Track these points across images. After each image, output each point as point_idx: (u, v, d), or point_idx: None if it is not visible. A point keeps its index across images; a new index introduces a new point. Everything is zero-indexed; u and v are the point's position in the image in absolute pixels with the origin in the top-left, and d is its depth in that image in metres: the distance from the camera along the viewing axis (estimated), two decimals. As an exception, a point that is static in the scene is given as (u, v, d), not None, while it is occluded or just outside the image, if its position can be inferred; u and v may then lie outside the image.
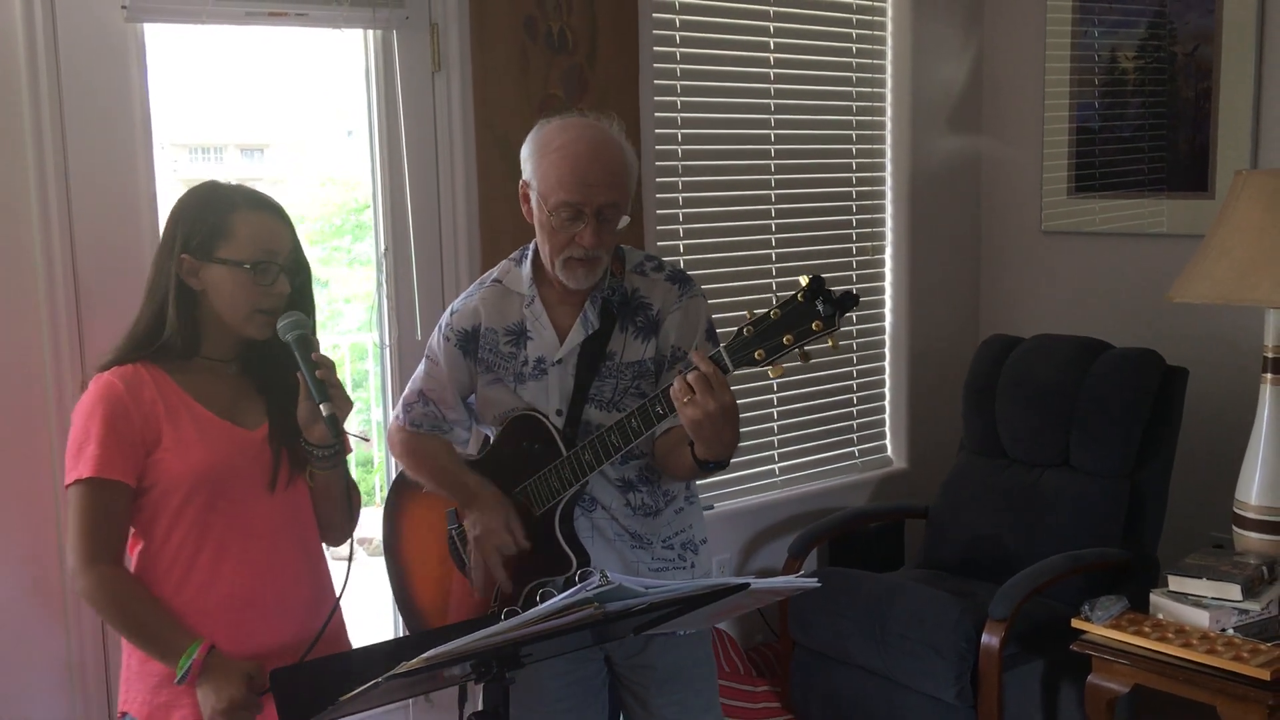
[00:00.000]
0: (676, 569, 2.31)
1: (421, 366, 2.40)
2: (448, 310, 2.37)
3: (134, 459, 1.92)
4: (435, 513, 2.38)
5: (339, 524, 2.10)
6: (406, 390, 2.42)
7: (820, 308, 1.87)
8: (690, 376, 1.93)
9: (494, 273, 2.35)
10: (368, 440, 2.13)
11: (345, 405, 1.96)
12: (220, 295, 1.95)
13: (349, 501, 2.12)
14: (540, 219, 2.16)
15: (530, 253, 2.29)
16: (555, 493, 2.19)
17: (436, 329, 2.37)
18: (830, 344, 1.91)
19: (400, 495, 2.48)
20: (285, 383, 2.00)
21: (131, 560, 1.99)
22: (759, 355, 1.92)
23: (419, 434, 2.38)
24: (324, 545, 2.15)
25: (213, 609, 1.96)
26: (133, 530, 1.98)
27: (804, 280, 1.89)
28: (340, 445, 2.00)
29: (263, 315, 1.96)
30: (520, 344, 2.25)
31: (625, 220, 2.16)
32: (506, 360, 2.26)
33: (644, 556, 2.27)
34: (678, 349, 2.22)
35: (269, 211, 1.99)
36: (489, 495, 2.24)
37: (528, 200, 2.20)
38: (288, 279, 1.98)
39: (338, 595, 2.01)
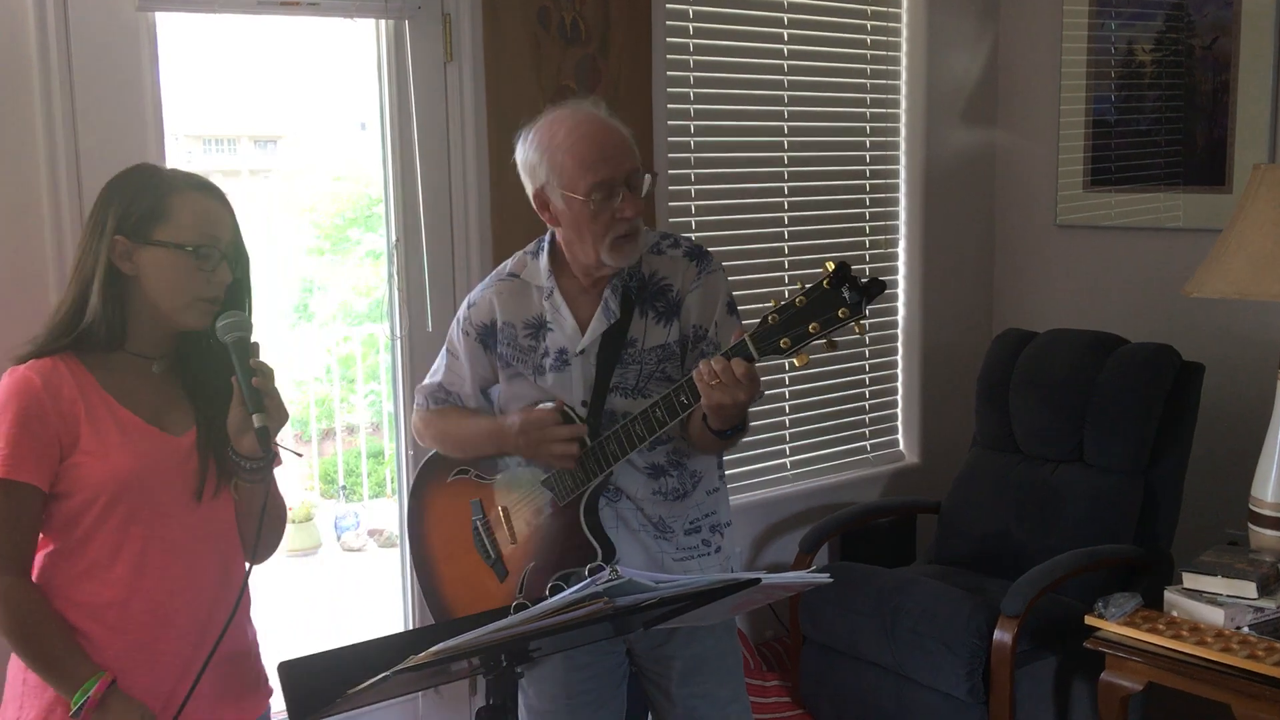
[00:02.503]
0: (701, 556, 2.29)
1: (441, 360, 2.39)
2: (464, 303, 2.35)
3: (47, 461, 1.79)
4: (460, 503, 2.37)
5: (263, 540, 1.91)
6: (426, 381, 2.42)
7: (846, 295, 1.85)
8: (719, 369, 1.93)
9: (508, 265, 2.32)
10: (300, 455, 2.03)
11: (280, 417, 1.84)
12: (158, 281, 1.82)
13: (276, 516, 1.98)
14: (574, 213, 2.12)
15: (547, 245, 2.27)
16: (580, 483, 2.18)
17: (454, 323, 2.36)
18: (857, 331, 1.90)
19: (425, 487, 2.47)
20: (215, 386, 1.88)
21: (36, 563, 1.85)
22: (784, 344, 1.90)
23: (438, 409, 2.38)
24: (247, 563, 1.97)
25: (126, 625, 1.84)
26: (41, 535, 1.85)
27: (829, 266, 1.87)
28: (269, 458, 1.86)
29: (203, 303, 1.84)
30: (540, 336, 2.24)
31: (649, 180, 2.16)
32: (526, 354, 2.25)
33: (668, 548, 2.26)
34: (699, 327, 2.20)
35: (211, 194, 1.87)
36: (512, 420, 2.21)
37: (547, 207, 2.17)
38: (229, 266, 1.86)
39: (230, 611, 1.87)
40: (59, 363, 1.83)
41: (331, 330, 5.83)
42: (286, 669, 1.77)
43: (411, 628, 3.19)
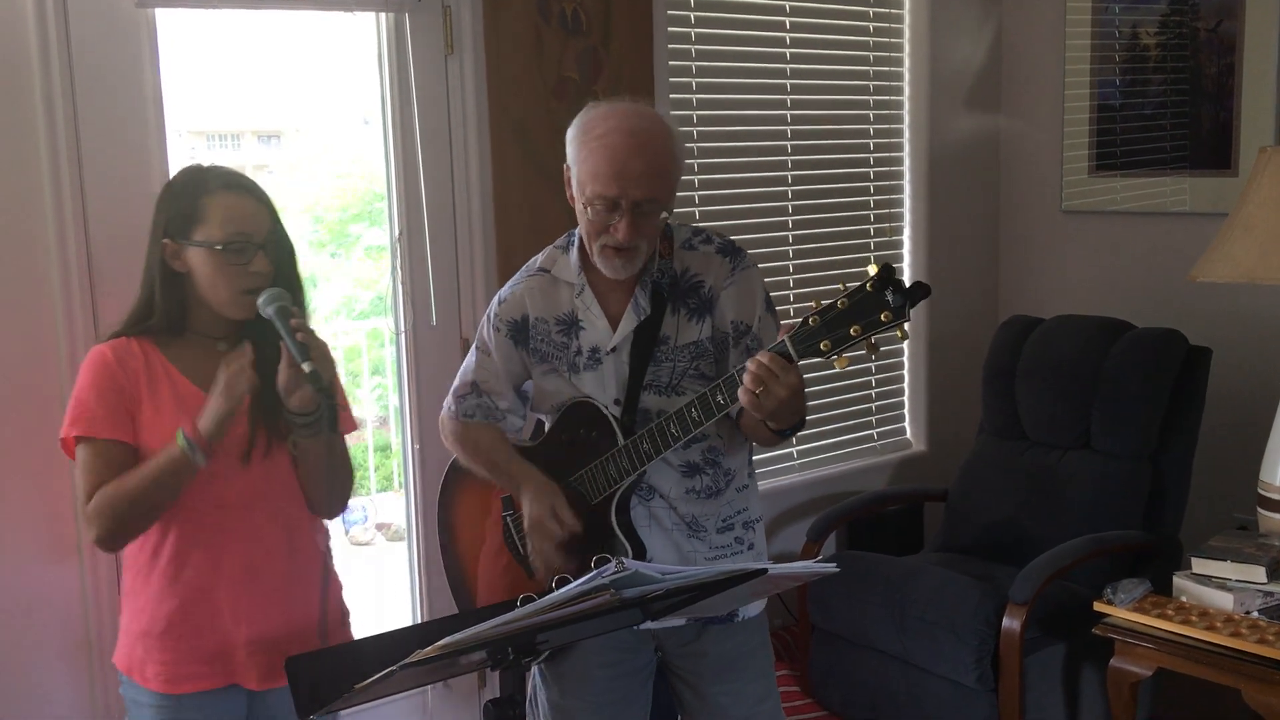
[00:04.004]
0: (734, 554, 2.27)
1: (472, 357, 2.35)
2: (495, 299, 2.32)
3: (123, 418, 2.00)
4: (491, 500, 2.35)
5: (325, 494, 2.13)
6: (457, 381, 2.37)
7: (889, 298, 1.83)
8: (759, 372, 1.90)
9: (539, 260, 2.30)
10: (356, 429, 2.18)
11: (328, 364, 1.97)
12: (201, 277, 2.00)
13: (337, 471, 2.12)
14: (579, 206, 2.13)
15: (576, 239, 2.24)
16: (612, 482, 2.16)
17: (485, 319, 2.33)
18: (899, 335, 1.88)
19: (454, 483, 2.45)
20: (272, 360, 2.02)
21: None
22: (825, 346, 1.88)
23: (470, 423, 2.33)
24: (320, 518, 2.20)
25: (186, 574, 2.04)
26: None
27: (872, 269, 1.84)
28: (322, 412, 2.00)
29: (246, 296, 2.00)
30: (572, 334, 2.22)
31: (665, 216, 2.12)
32: (560, 350, 2.23)
33: (700, 547, 2.24)
34: (739, 323, 2.17)
35: (242, 192, 2.02)
36: (537, 484, 2.20)
37: (569, 185, 2.16)
38: (267, 257, 2.01)
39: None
40: (132, 341, 2.05)
41: (335, 325, 5.83)
42: (294, 664, 1.77)
43: (420, 621, 3.19)
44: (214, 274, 1.99)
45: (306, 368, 1.93)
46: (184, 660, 2.04)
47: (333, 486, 2.13)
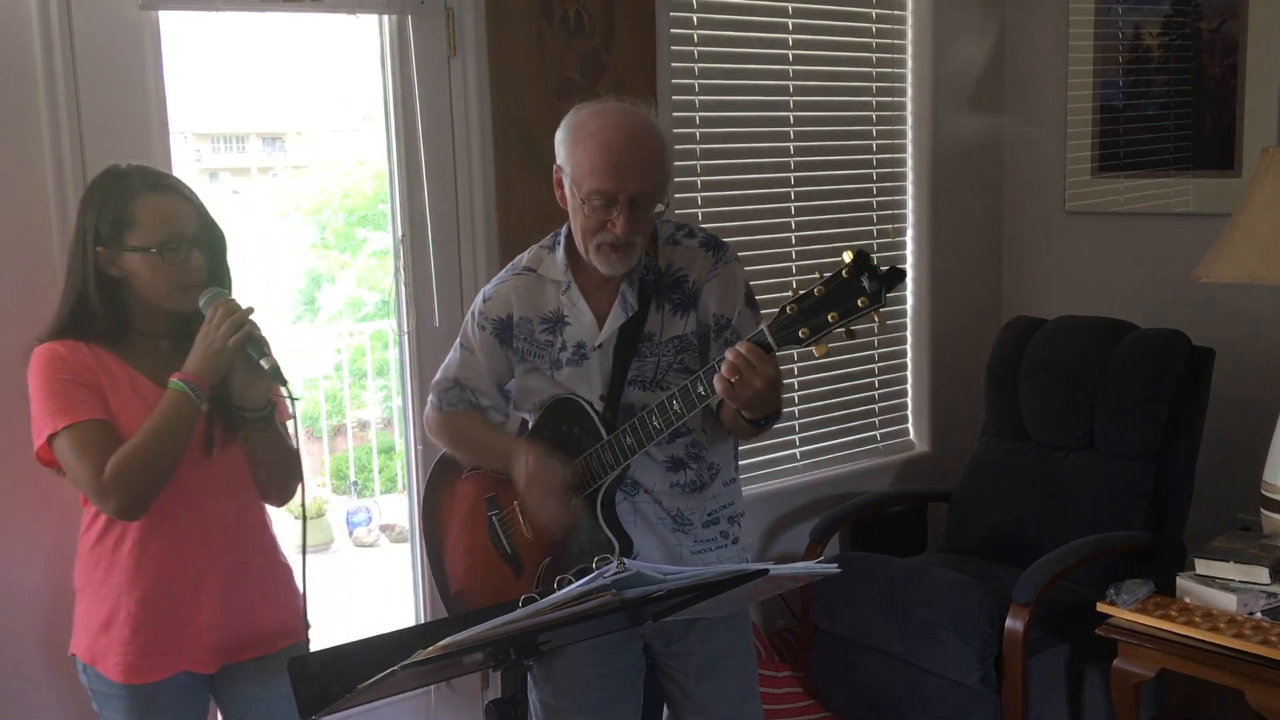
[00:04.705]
0: (719, 548, 2.28)
1: (455, 354, 2.37)
2: (479, 296, 2.34)
3: (97, 401, 2.01)
4: (476, 499, 2.36)
5: (276, 484, 2.20)
6: (439, 376, 2.39)
7: (866, 284, 1.84)
8: (735, 362, 1.91)
9: (525, 259, 2.31)
10: (298, 399, 2.22)
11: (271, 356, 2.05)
12: (140, 280, 2.04)
13: (287, 461, 2.19)
14: (573, 205, 2.14)
15: (563, 238, 2.25)
16: (596, 477, 2.17)
17: (469, 316, 2.34)
18: (876, 321, 1.89)
19: (439, 482, 2.46)
20: None
21: (85, 512, 2.12)
22: (803, 334, 1.89)
23: (453, 411, 2.35)
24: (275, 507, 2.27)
25: (146, 565, 2.07)
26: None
27: (848, 256, 1.86)
28: (270, 408, 2.09)
29: (183, 290, 2.05)
30: (557, 331, 2.23)
31: (661, 208, 2.14)
32: (543, 348, 2.24)
33: (686, 540, 2.25)
34: (720, 316, 2.19)
35: (170, 191, 2.07)
36: (524, 445, 2.21)
37: (561, 185, 2.17)
38: (201, 252, 2.07)
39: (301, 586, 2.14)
40: (79, 342, 2.06)
41: (340, 327, 5.85)
42: (296, 665, 1.77)
43: (422, 622, 3.19)
44: (153, 276, 2.03)
45: (265, 364, 2.00)
46: (147, 651, 2.08)
47: (283, 473, 2.19)
